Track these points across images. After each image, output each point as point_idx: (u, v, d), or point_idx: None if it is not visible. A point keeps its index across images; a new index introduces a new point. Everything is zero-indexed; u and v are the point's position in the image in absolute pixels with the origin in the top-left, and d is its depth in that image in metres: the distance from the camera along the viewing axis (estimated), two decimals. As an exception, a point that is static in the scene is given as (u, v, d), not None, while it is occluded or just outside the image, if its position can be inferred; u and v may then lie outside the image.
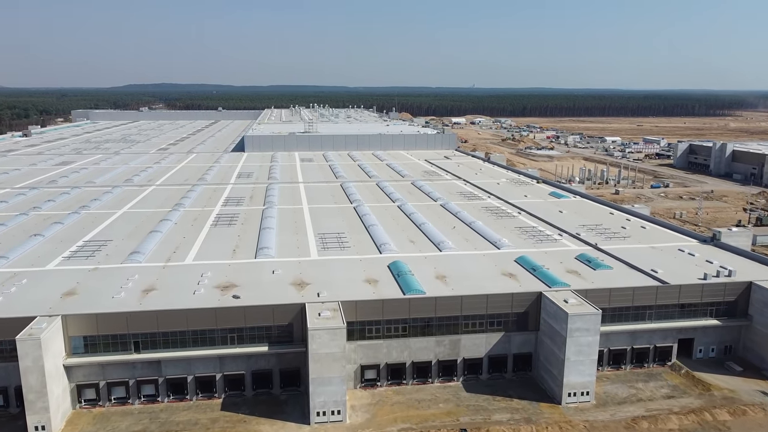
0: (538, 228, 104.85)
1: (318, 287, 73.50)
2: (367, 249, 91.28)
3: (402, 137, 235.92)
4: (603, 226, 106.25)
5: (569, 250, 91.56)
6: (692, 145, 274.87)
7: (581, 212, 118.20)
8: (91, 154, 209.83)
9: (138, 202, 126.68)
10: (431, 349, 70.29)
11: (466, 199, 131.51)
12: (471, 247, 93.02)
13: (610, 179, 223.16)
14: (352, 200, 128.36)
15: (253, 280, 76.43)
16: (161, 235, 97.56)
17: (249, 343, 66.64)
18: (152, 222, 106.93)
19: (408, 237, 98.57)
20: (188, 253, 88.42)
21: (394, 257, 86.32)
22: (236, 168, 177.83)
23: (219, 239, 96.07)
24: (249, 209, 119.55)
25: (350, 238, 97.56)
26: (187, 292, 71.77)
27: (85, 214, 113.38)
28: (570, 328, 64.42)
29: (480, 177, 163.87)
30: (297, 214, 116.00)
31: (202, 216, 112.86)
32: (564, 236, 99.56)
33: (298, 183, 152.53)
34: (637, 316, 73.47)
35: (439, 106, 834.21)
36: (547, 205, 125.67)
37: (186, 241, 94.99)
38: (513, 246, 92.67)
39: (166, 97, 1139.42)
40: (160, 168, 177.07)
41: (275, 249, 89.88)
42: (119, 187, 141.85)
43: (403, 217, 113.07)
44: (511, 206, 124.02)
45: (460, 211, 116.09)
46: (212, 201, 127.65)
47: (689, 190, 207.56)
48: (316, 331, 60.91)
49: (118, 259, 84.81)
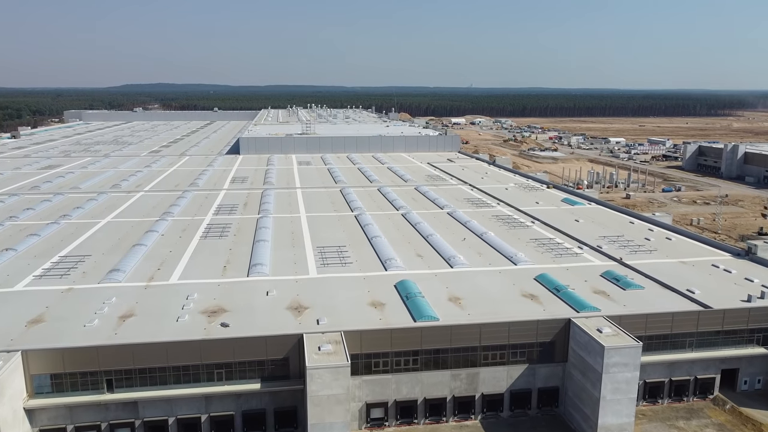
0: (555, 240, 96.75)
1: (317, 312, 65.35)
2: (370, 265, 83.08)
3: (403, 139, 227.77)
4: (625, 237, 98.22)
5: (593, 266, 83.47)
6: (701, 146, 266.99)
7: (599, 221, 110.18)
8: (80, 157, 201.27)
9: (124, 210, 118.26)
10: (446, 384, 62.17)
11: (474, 207, 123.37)
12: (485, 262, 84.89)
13: (620, 183, 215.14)
14: (352, 208, 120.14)
15: (244, 303, 68.21)
16: (145, 249, 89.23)
17: (239, 379, 58.48)
18: (137, 233, 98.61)
19: (415, 250, 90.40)
20: (174, 270, 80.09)
21: (400, 275, 78.19)
22: (230, 172, 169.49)
23: (208, 254, 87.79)
24: (242, 218, 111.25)
25: (352, 251, 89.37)
26: (170, 318, 63.51)
27: (66, 225, 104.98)
28: (606, 363, 56.35)
29: (486, 181, 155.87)
30: (294, 223, 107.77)
31: (192, 226, 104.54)
32: (585, 249, 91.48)
33: (295, 188, 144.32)
34: (676, 344, 65.44)
35: (438, 106, 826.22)
36: (561, 213, 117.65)
37: (172, 255, 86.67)
38: (531, 261, 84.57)
39: (163, 98, 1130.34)
40: (150, 172, 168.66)
41: (270, 266, 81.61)
42: (105, 194, 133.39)
43: (408, 228, 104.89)
44: (522, 214, 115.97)
45: (469, 221, 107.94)
46: (203, 209, 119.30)
47: (702, 194, 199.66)
48: (316, 370, 52.76)
49: (95, 277, 76.47)
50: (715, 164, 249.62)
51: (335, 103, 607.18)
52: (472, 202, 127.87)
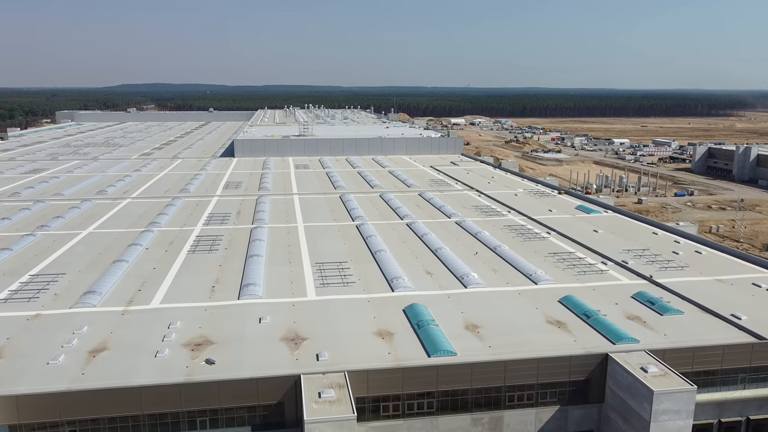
0: (576, 254, 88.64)
1: (317, 344, 57.21)
2: (375, 284, 74.89)
3: (404, 141, 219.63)
4: (651, 250, 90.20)
5: (621, 285, 75.42)
6: (711, 148, 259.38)
7: (619, 231, 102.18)
8: (68, 160, 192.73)
9: (107, 219, 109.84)
10: (466, 430, 54.03)
11: (484, 215, 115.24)
12: (501, 280, 76.77)
13: (630, 186, 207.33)
14: (353, 216, 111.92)
15: (234, 332, 59.99)
16: (127, 266, 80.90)
17: (225, 427, 50.23)
18: (119, 247, 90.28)
19: (423, 267, 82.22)
20: (156, 291, 71.77)
21: (409, 296, 70.11)
22: (224, 176, 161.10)
23: (196, 271, 79.49)
24: (235, 229, 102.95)
25: (354, 268, 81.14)
26: (148, 353, 55.25)
27: (42, 237, 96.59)
28: (656, 411, 48.30)
29: (494, 186, 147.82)
30: (291, 235, 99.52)
31: (180, 238, 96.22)
32: (609, 265, 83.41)
33: (292, 194, 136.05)
34: (726, 381, 57.40)
35: (437, 107, 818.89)
36: (578, 222, 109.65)
37: (156, 273, 78.35)
38: (552, 279, 76.45)
39: (159, 98, 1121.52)
40: (139, 176, 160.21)
41: (263, 286, 73.38)
42: (89, 201, 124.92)
43: (415, 239, 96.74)
44: (536, 224, 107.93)
45: (480, 232, 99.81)
46: (193, 218, 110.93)
47: (717, 198, 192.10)
48: (316, 423, 44.56)
49: (67, 301, 68.15)
50: (726, 167, 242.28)
51: (333, 103, 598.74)
52: (481, 210, 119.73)
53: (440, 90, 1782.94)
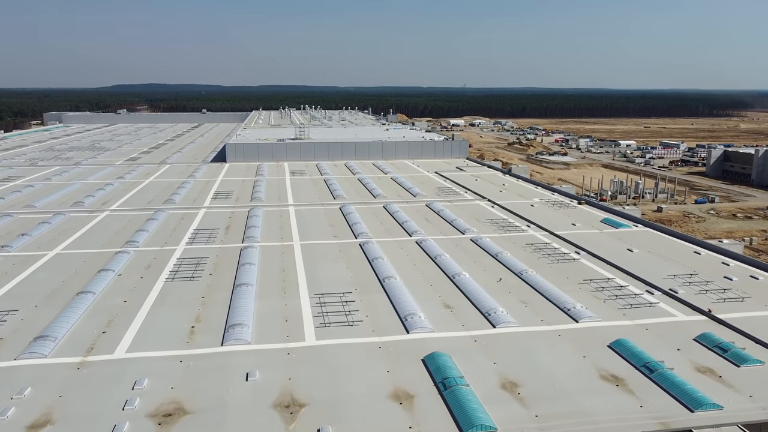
0: (614, 281, 76.85)
1: (318, 413, 45.32)
2: (386, 323, 62.99)
3: (406, 144, 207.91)
4: (699, 275, 78.54)
5: (677, 323, 63.70)
6: (727, 151, 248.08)
7: (657, 251, 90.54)
8: (48, 166, 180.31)
9: (79, 237, 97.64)
10: None
11: (501, 230, 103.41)
12: (535, 317, 64.95)
13: (646, 193, 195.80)
14: (356, 233, 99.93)
15: (214, 396, 48.00)
16: (93, 298, 68.82)
17: None
18: (88, 273, 78.19)
19: (441, 298, 70.34)
20: (123, 334, 59.69)
21: (428, 340, 58.31)
22: (214, 184, 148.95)
23: (173, 305, 67.44)
24: (222, 249, 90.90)
25: (360, 301, 69.18)
26: (103, 428, 43.20)
27: (1, 260, 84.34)
28: None
29: (507, 195, 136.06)
30: (286, 256, 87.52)
31: (159, 261, 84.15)
32: (656, 295, 71.68)
33: (288, 206, 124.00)
34: (833, 457, 45.71)
35: (435, 107, 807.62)
36: (607, 239, 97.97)
37: (126, 309, 66.27)
38: (595, 316, 64.65)
39: (153, 98, 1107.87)
40: (122, 184, 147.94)
41: (253, 326, 61.38)
42: (62, 214, 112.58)
43: (427, 262, 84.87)
44: (561, 241, 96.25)
45: (500, 252, 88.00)
46: (176, 235, 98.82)
47: (740, 206, 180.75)
48: None
49: (12, 349, 56.00)
50: (743, 170, 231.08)
51: (329, 104, 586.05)
52: (497, 224, 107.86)
53: (436, 90, 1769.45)
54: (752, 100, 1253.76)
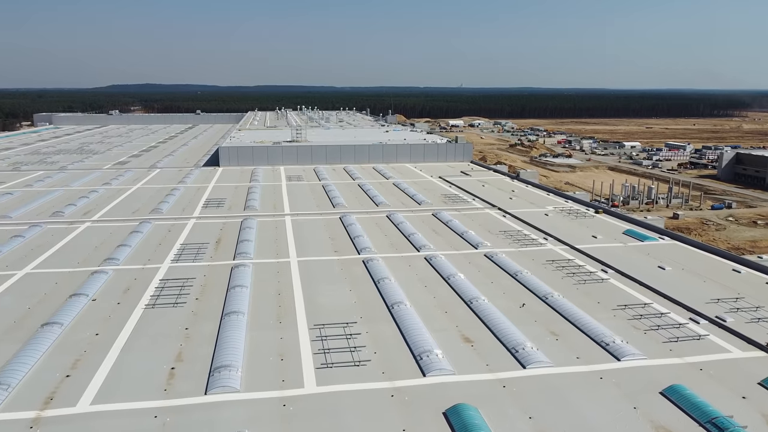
0: (652, 306, 68.23)
1: (321, 492, 36.49)
2: (398, 362, 54.23)
3: (408, 147, 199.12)
4: (746, 299, 70.00)
5: (734, 360, 55.12)
6: (739, 153, 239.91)
7: (691, 269, 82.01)
8: (31, 171, 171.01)
9: (54, 253, 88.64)
10: None
11: (517, 244, 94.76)
12: (569, 353, 56.25)
13: (660, 198, 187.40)
14: (359, 248, 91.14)
15: (193, 466, 39.22)
16: (60, 331, 59.93)
17: None
18: (58, 297, 69.30)
19: (459, 329, 61.64)
20: (90, 379, 50.79)
21: (448, 386, 49.62)
22: (205, 191, 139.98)
23: (152, 340, 58.58)
24: (211, 267, 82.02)
25: (367, 333, 60.43)
26: None
27: (-37, 282, 75.36)
28: None
29: (517, 203, 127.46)
30: (282, 275, 78.73)
31: (140, 282, 75.27)
32: (702, 323, 63.13)
33: (284, 215, 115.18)
34: None
35: (433, 107, 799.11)
36: (634, 254, 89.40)
37: (96, 345, 57.40)
38: (638, 351, 55.98)
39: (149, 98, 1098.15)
40: (108, 191, 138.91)
41: (243, 369, 52.55)
42: (39, 226, 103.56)
43: (440, 282, 76.14)
44: (584, 257, 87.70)
45: (520, 271, 79.31)
46: (161, 250, 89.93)
47: (759, 212, 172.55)
48: None
49: (-44, 401, 47.07)
50: (757, 174, 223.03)
51: (326, 104, 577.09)
52: (511, 237, 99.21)
53: (433, 90, 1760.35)
54: (751, 100, 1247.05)
